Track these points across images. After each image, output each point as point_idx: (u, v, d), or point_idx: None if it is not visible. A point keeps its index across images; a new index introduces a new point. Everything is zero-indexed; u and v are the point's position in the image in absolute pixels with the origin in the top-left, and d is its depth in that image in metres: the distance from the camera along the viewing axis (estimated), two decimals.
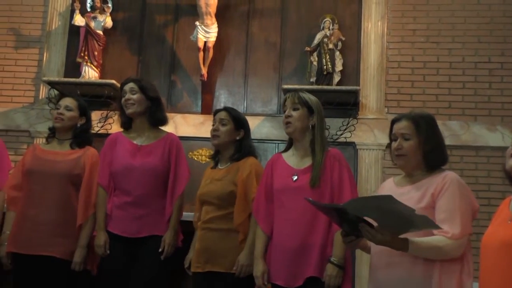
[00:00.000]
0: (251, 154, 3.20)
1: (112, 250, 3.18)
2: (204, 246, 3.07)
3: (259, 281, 2.83)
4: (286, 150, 3.00)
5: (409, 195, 2.42)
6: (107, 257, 3.19)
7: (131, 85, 3.33)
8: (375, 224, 2.20)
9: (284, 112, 2.94)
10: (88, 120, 3.48)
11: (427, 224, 2.18)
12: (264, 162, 3.30)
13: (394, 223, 2.17)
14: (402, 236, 2.24)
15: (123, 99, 3.34)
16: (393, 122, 2.57)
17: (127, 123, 3.37)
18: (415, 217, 2.12)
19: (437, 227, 2.22)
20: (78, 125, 3.41)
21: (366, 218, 2.20)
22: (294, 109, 2.90)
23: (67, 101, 3.40)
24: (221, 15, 5.34)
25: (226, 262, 3.01)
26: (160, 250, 3.16)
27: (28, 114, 5.37)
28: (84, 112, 3.44)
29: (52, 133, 3.43)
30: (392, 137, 2.56)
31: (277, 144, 5.21)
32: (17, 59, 5.52)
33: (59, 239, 3.18)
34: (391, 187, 2.56)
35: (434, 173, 2.47)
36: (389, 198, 2.07)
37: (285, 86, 4.97)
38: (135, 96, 3.29)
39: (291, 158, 2.93)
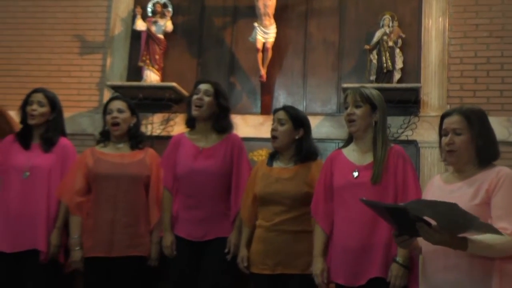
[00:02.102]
0: (315, 154, 3.17)
1: (178, 252, 3.23)
2: (275, 248, 3.02)
3: (318, 279, 2.82)
4: (345, 145, 2.94)
5: (460, 192, 2.35)
6: (174, 258, 3.24)
7: (207, 86, 3.34)
8: (433, 223, 2.15)
9: (346, 109, 2.88)
10: (138, 118, 3.50)
11: (489, 229, 2.12)
12: (323, 161, 3.28)
13: (454, 224, 2.13)
14: (460, 235, 2.18)
15: (194, 97, 3.33)
16: (443, 117, 2.50)
17: (191, 122, 3.39)
18: (478, 224, 2.07)
19: (499, 233, 2.15)
20: (131, 125, 3.43)
21: (424, 217, 2.16)
22: (357, 107, 2.84)
23: (118, 104, 3.42)
24: (279, 16, 5.33)
25: (301, 264, 2.98)
26: (226, 251, 3.17)
27: (93, 118, 5.51)
28: (134, 111, 3.47)
29: (106, 137, 3.44)
30: (443, 133, 2.49)
31: (337, 143, 5.17)
32: (82, 65, 5.67)
33: (139, 239, 3.24)
34: (439, 185, 2.50)
35: (486, 169, 2.39)
36: (454, 206, 2.03)
37: (345, 85, 4.93)
38: (207, 99, 3.29)
39: (352, 154, 2.88)
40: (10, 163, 3.38)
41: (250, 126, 5.27)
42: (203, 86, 3.34)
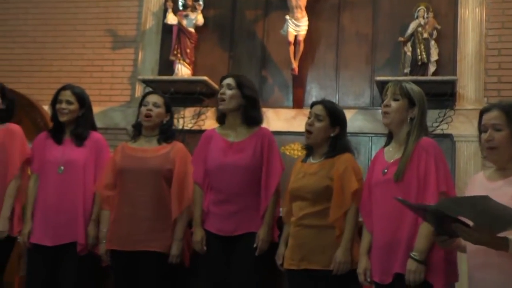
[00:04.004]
0: (347, 151, 3.11)
1: (208, 248, 3.21)
2: (299, 243, 3.01)
3: (361, 277, 2.78)
4: (388, 143, 2.88)
5: (501, 191, 2.25)
6: (205, 253, 3.22)
7: (229, 80, 3.32)
8: (470, 223, 2.08)
9: (384, 101, 2.82)
10: (172, 116, 3.50)
11: None
12: (358, 156, 3.23)
13: (491, 222, 2.05)
14: (500, 234, 2.10)
15: (219, 93, 3.33)
16: (482, 112, 2.41)
17: (221, 118, 3.37)
18: None
19: None
20: (164, 121, 3.44)
21: (460, 217, 2.09)
22: (394, 100, 2.78)
23: (155, 98, 3.41)
24: (311, 8, 5.28)
25: (323, 260, 2.94)
26: (254, 246, 3.15)
27: (126, 113, 5.54)
28: (169, 109, 3.47)
29: (138, 131, 3.46)
30: (482, 129, 2.40)
31: (370, 137, 5.11)
32: (114, 59, 5.71)
33: (157, 234, 3.23)
34: (482, 182, 2.41)
35: None
36: (485, 198, 1.96)
37: (378, 78, 4.86)
38: (229, 92, 3.28)
39: (388, 151, 2.83)
40: (46, 158, 3.42)
41: (282, 120, 5.24)
42: (225, 81, 3.33)
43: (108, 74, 5.68)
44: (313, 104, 3.19)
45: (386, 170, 2.73)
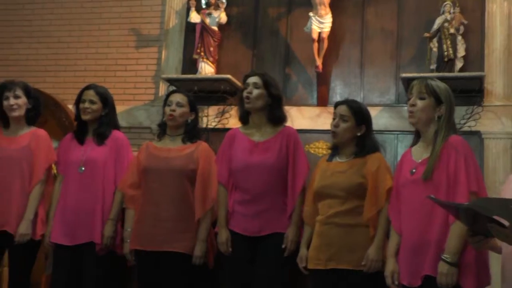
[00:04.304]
0: (377, 149, 3.07)
1: (234, 248, 3.19)
2: (327, 242, 2.95)
3: (388, 280, 2.72)
4: (415, 142, 2.82)
5: None
6: (230, 254, 3.20)
7: (255, 79, 3.29)
8: (506, 223, 2.02)
9: (409, 99, 2.75)
10: (197, 114, 3.48)
11: None
12: (385, 155, 3.18)
13: None
14: None
15: (244, 92, 3.29)
16: None
17: (244, 117, 3.34)
18: None
19: None
20: (189, 120, 3.41)
21: (496, 217, 2.03)
22: (420, 98, 2.71)
23: (178, 97, 3.39)
24: (335, 5, 5.23)
25: (354, 259, 2.89)
26: (283, 246, 3.11)
27: (149, 111, 5.56)
28: (194, 107, 3.44)
29: (162, 130, 3.44)
30: None
31: (396, 135, 5.05)
32: (138, 58, 5.73)
33: (180, 235, 3.21)
34: None
35: None
36: None
37: (404, 75, 4.79)
38: (256, 91, 3.25)
39: (415, 151, 2.77)
40: (69, 159, 3.44)
41: (306, 118, 5.21)
42: (251, 79, 3.29)
43: (132, 73, 5.70)
44: (337, 104, 3.14)
45: (414, 170, 2.68)
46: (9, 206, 3.37)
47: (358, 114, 3.06)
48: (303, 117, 5.20)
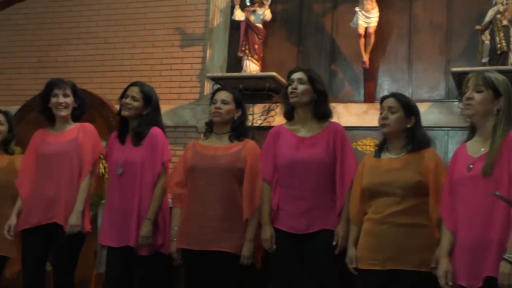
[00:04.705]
0: (427, 142, 2.97)
1: (280, 246, 3.13)
2: (385, 242, 2.85)
3: (441, 281, 2.62)
4: (469, 137, 2.71)
5: None
6: (275, 252, 3.15)
7: (299, 74, 3.24)
8: None
9: (465, 93, 2.65)
10: (244, 111, 3.43)
11: None
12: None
13: None
14: None
15: (289, 88, 3.25)
16: None
17: (289, 113, 3.30)
18: None
19: None
20: (235, 117, 3.37)
21: None
22: (477, 91, 2.60)
23: (223, 95, 3.35)
24: None
25: (414, 260, 2.80)
26: (334, 243, 3.05)
27: (195, 110, 5.56)
28: (240, 104, 3.40)
29: (210, 128, 3.41)
30: None
31: (446, 131, 4.91)
32: (183, 57, 5.74)
33: (227, 234, 3.18)
34: None
35: None
36: None
37: (454, 69, 4.65)
38: (301, 87, 3.20)
39: (471, 146, 2.66)
40: (111, 159, 3.46)
41: (353, 114, 5.12)
42: (296, 75, 3.24)
43: (177, 72, 5.71)
44: (383, 99, 3.06)
45: (471, 166, 2.57)
46: (58, 198, 3.40)
47: (407, 105, 2.99)
48: (350, 114, 5.11)
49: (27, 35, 6.26)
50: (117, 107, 3.57)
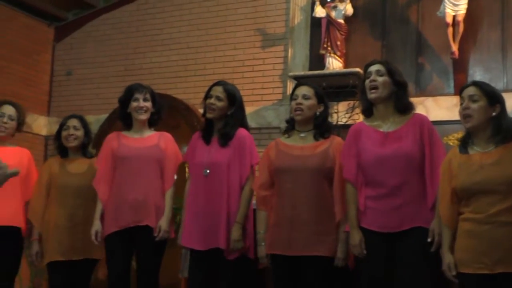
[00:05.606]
0: None
1: (369, 249, 3.00)
2: (493, 243, 2.64)
3: None
4: None
5: None
6: (365, 257, 3.01)
7: (377, 66, 3.10)
8: None
9: None
10: (326, 106, 3.31)
11: None
12: None
13: None
14: None
15: (367, 81, 3.11)
16: None
17: (368, 109, 3.15)
18: None
19: None
20: (317, 113, 3.26)
21: None
22: None
23: (304, 90, 3.24)
24: None
25: None
26: (429, 240, 2.88)
27: (278, 111, 5.52)
28: (322, 99, 3.27)
29: (291, 126, 3.30)
30: None
31: None
32: (265, 58, 5.72)
33: (322, 237, 3.06)
34: None
35: None
36: None
37: None
38: (381, 79, 3.06)
39: None
40: (195, 160, 3.42)
41: (442, 108, 4.93)
42: (373, 68, 3.10)
43: (259, 73, 5.70)
44: (462, 89, 2.86)
45: None
46: (147, 202, 3.42)
47: (489, 92, 2.77)
48: (439, 108, 4.92)
49: (114, 45, 6.45)
50: (201, 111, 3.55)
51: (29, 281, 5.53)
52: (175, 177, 3.55)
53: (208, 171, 3.31)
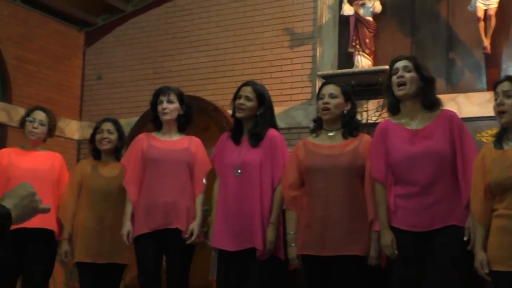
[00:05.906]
0: None
1: (400, 248, 2.95)
2: None
3: None
4: None
5: None
6: (397, 257, 2.97)
7: (404, 62, 3.05)
8: None
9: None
10: (354, 104, 3.27)
11: None
12: None
13: None
14: None
15: (394, 77, 3.06)
16: None
17: (395, 107, 3.10)
18: None
19: None
20: (345, 111, 3.22)
21: None
22: None
23: (330, 88, 3.21)
24: None
25: None
26: (465, 238, 2.82)
27: (307, 110, 5.48)
28: (349, 97, 3.24)
29: (319, 125, 3.27)
30: None
31: None
32: (293, 58, 5.69)
33: (355, 236, 3.03)
34: None
35: None
36: None
37: None
38: (409, 75, 3.01)
39: None
40: (225, 161, 3.41)
41: (475, 104, 4.84)
42: (400, 63, 3.05)
43: (287, 73, 5.67)
44: (496, 84, 2.81)
45: None
46: (178, 204, 3.43)
47: None
48: (471, 104, 4.82)
49: (143, 48, 6.50)
50: (230, 112, 3.55)
51: (63, 284, 5.60)
52: (205, 182, 3.55)
53: (239, 171, 3.30)
